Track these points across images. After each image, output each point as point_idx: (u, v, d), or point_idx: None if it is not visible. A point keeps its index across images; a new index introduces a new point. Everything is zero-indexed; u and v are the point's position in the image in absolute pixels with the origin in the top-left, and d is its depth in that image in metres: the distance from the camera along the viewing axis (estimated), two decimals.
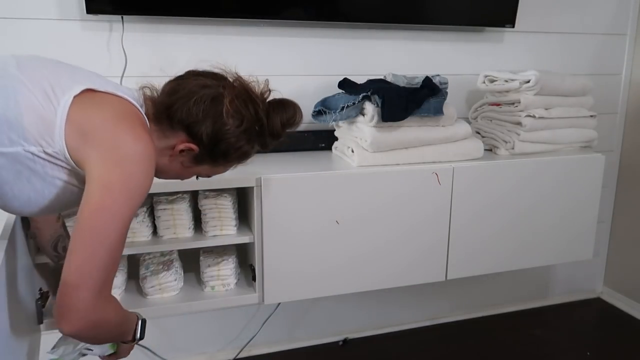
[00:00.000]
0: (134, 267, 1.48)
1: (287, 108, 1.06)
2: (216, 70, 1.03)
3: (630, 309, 2.29)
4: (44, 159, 0.86)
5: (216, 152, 1.01)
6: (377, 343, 2.05)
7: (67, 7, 1.49)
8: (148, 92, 1.02)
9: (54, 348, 1.04)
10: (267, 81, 1.07)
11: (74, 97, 0.86)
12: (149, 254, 1.46)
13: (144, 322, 1.03)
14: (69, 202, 0.95)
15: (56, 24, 1.50)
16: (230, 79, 1.02)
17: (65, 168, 0.88)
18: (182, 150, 0.99)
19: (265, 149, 1.09)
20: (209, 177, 1.12)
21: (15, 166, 0.85)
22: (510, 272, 2.21)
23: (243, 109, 0.99)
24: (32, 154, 0.84)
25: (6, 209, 0.93)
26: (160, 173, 1.02)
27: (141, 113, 0.95)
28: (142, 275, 1.40)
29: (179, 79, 1.03)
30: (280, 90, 1.69)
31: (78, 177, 0.90)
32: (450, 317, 2.22)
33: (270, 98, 1.06)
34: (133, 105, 0.94)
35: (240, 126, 0.99)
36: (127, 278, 1.47)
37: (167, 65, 1.59)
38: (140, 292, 1.42)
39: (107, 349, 1.03)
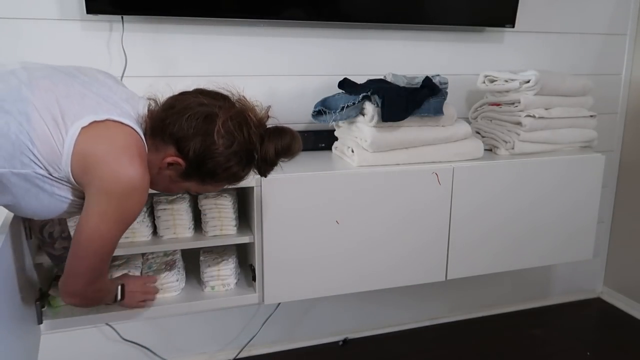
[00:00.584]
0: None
1: (283, 136, 1.07)
2: (222, 91, 1.04)
3: (630, 309, 2.29)
4: (51, 179, 0.93)
5: (203, 170, 1.02)
6: (377, 343, 2.05)
7: (67, 7, 1.49)
8: (153, 105, 1.03)
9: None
10: (269, 107, 1.08)
11: (82, 128, 0.92)
12: (152, 253, 1.46)
13: (122, 287, 1.22)
14: (72, 212, 1.01)
15: (56, 24, 1.50)
16: (233, 101, 1.03)
17: (71, 188, 0.96)
18: (170, 164, 1.01)
19: (261, 174, 1.10)
20: (198, 194, 1.12)
21: (25, 184, 0.92)
22: (510, 272, 2.21)
23: (236, 131, 1.00)
24: (42, 175, 0.92)
25: (17, 213, 1.03)
26: (150, 184, 1.03)
27: (140, 137, 0.98)
28: (145, 274, 1.40)
29: (181, 94, 1.04)
30: (280, 90, 1.72)
31: (83, 194, 0.96)
32: (450, 317, 2.22)
33: (273, 125, 1.07)
34: (133, 131, 0.97)
35: (230, 147, 1.00)
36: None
37: (167, 66, 1.61)
38: None
39: None
